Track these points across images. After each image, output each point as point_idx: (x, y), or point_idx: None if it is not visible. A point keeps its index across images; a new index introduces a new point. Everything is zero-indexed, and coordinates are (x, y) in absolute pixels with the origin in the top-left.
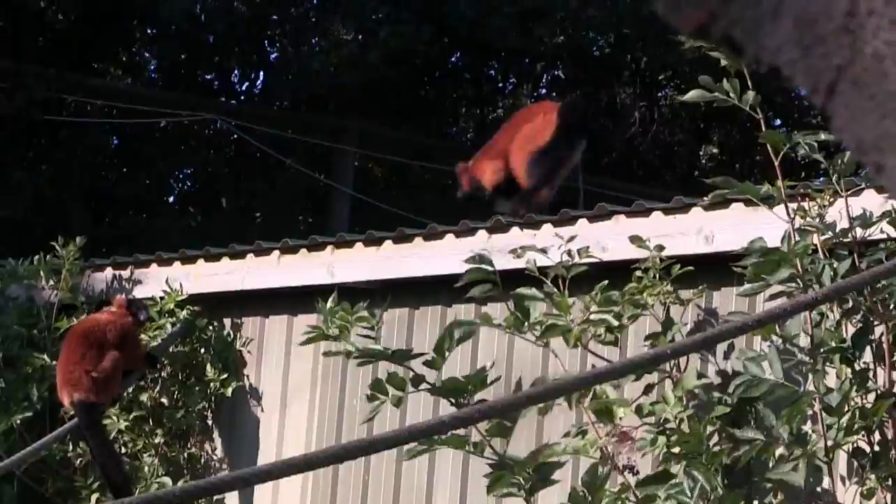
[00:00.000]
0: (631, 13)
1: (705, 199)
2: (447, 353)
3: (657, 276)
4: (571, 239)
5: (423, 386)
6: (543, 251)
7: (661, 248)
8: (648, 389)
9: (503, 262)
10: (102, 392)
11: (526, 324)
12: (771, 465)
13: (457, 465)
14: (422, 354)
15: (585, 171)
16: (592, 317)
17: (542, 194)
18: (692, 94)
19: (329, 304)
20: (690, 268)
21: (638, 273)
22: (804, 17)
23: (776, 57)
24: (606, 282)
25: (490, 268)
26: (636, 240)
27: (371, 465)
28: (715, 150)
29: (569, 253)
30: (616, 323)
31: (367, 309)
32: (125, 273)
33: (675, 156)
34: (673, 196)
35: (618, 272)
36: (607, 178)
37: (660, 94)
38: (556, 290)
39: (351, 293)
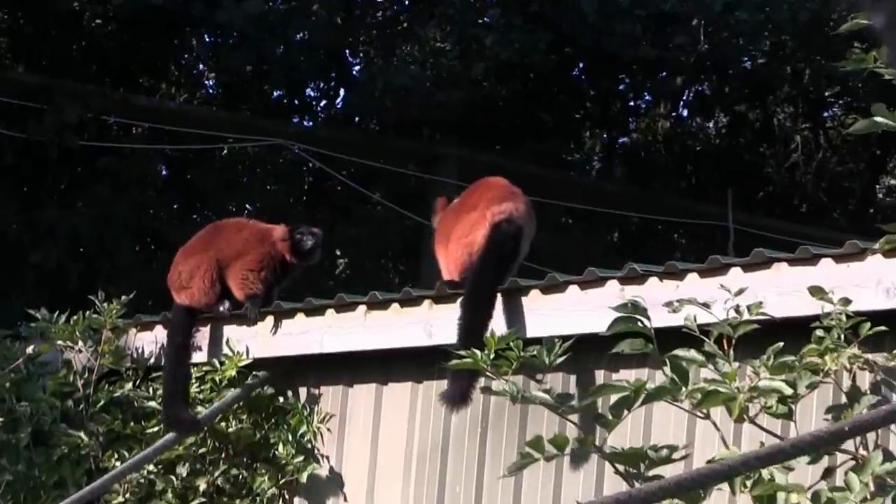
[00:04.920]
0: (790, 17)
1: (882, 243)
2: (626, 413)
3: (841, 336)
4: (740, 292)
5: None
6: (706, 305)
7: (846, 301)
8: (828, 473)
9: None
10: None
11: (684, 390)
12: None
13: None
14: (588, 407)
15: (737, 207)
16: (761, 384)
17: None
18: (860, 125)
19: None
20: (883, 327)
21: (818, 332)
22: None
23: None
24: (782, 343)
25: (644, 320)
26: (817, 291)
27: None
28: (895, 182)
29: (736, 309)
30: (790, 392)
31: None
32: None
33: (846, 189)
34: (845, 240)
35: (779, 332)
36: (763, 216)
37: (826, 115)
38: (719, 351)
39: (450, 357)
